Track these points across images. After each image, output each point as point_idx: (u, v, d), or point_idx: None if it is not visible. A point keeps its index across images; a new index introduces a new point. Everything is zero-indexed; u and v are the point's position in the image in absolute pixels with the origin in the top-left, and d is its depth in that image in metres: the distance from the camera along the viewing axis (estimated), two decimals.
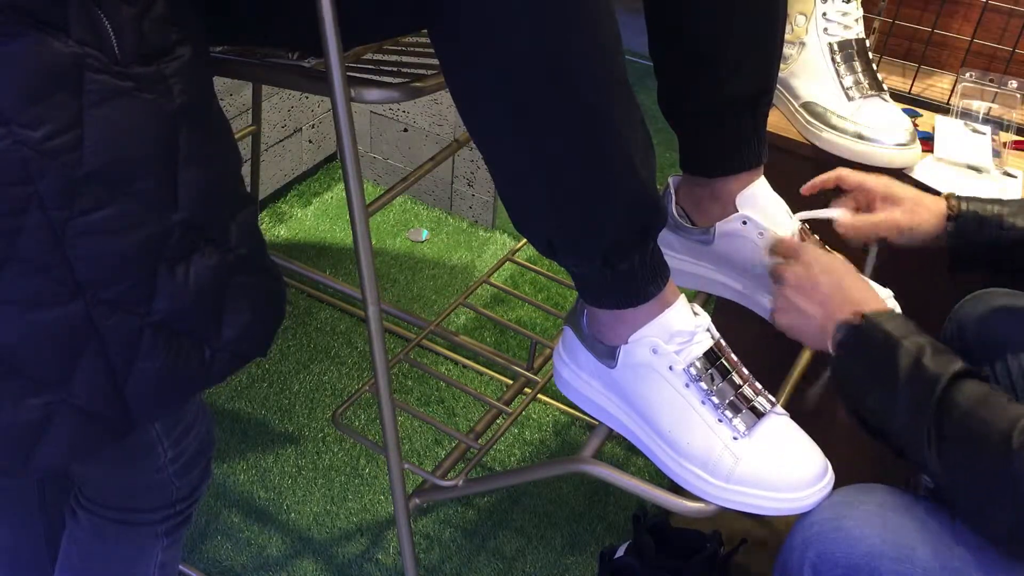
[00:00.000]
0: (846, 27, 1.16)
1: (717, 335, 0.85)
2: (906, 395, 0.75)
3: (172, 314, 0.70)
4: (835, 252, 0.94)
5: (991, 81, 1.26)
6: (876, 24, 1.38)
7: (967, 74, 1.27)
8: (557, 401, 1.55)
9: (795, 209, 0.98)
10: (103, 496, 0.91)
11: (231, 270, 0.75)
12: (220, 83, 1.66)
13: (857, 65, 1.15)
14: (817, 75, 1.16)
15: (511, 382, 1.22)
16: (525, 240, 0.89)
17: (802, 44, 1.18)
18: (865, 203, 0.99)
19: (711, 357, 0.83)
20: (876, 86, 1.15)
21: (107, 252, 0.66)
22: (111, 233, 0.65)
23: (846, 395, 0.83)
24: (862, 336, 0.80)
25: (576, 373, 0.90)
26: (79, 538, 0.93)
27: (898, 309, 0.97)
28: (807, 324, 0.87)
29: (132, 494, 0.91)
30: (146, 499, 0.91)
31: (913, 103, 1.31)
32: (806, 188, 1.02)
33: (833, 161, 1.14)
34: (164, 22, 0.68)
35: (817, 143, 1.15)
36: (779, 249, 0.94)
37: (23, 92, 0.60)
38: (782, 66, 1.19)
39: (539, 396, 1.54)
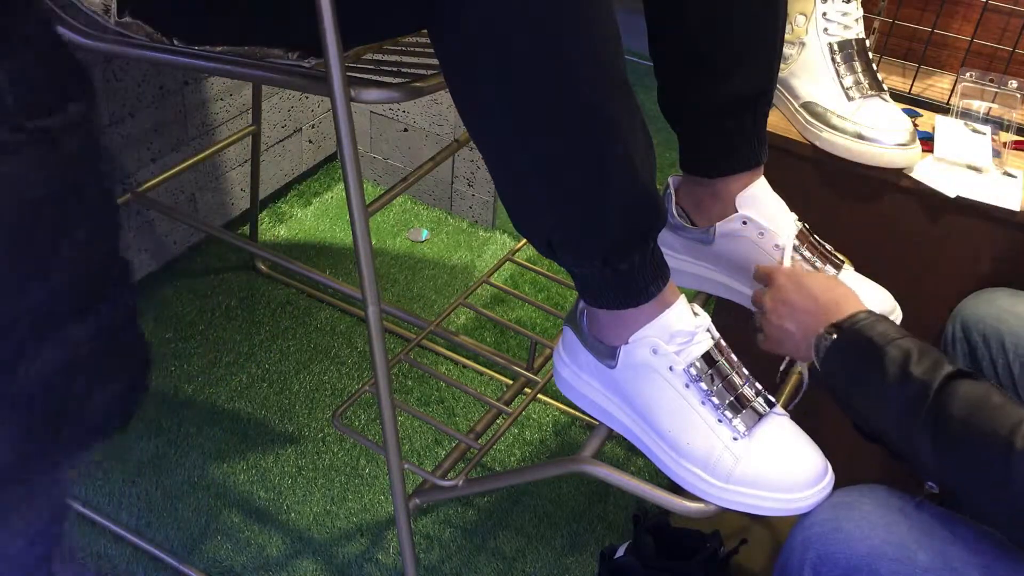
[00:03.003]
0: (846, 27, 1.16)
1: (717, 335, 0.85)
2: (898, 402, 0.75)
3: (39, 383, 0.64)
4: (825, 266, 0.95)
5: (991, 81, 1.26)
6: (876, 24, 1.38)
7: (967, 74, 1.27)
8: (557, 401, 1.55)
9: (795, 209, 0.98)
10: None
11: (104, 341, 0.68)
12: (220, 83, 1.66)
13: (857, 65, 1.15)
14: (817, 75, 1.16)
15: (511, 382, 1.22)
16: (525, 240, 0.89)
17: (802, 44, 1.18)
18: None
19: (711, 357, 0.83)
20: (876, 86, 1.15)
21: None
22: None
23: (839, 403, 0.83)
24: (841, 347, 0.81)
25: (576, 373, 0.90)
26: None
27: (898, 313, 0.98)
28: (790, 344, 0.88)
29: None
30: None
31: (913, 103, 1.31)
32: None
33: (833, 161, 1.14)
34: (50, 78, 0.61)
35: (817, 143, 1.15)
36: (757, 277, 0.95)
37: None
38: (782, 66, 1.19)
39: (539, 396, 1.54)
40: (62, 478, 0.78)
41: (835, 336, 0.81)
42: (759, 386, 0.85)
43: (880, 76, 1.16)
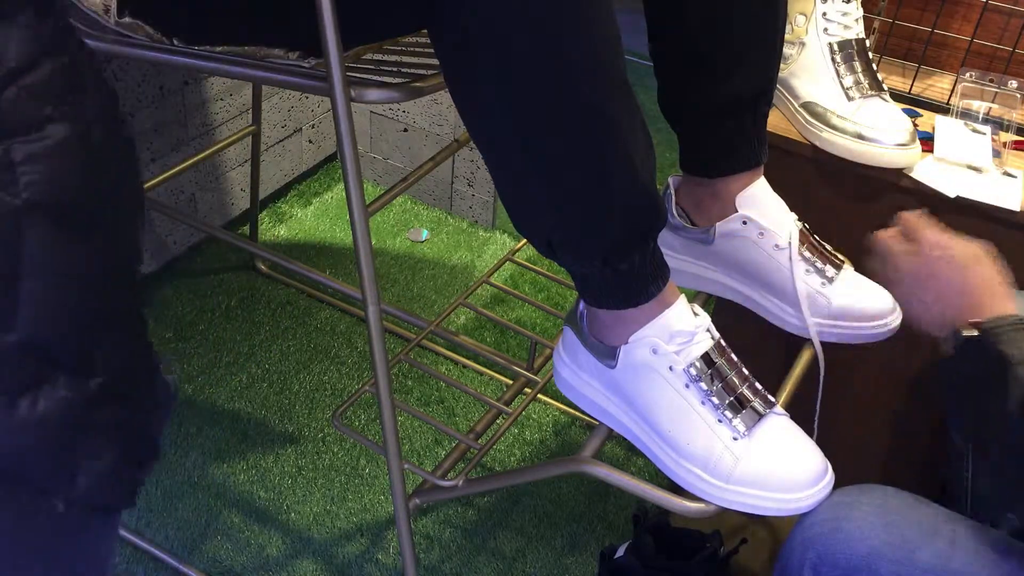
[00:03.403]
0: (846, 27, 1.16)
1: (717, 335, 0.85)
2: (1020, 425, 0.70)
3: (11, 459, 0.56)
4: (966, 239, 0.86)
5: (991, 81, 1.26)
6: (876, 24, 1.38)
7: (967, 74, 1.27)
8: (557, 401, 1.55)
9: (795, 209, 0.98)
10: None
11: (90, 405, 0.60)
12: (220, 83, 1.66)
13: (857, 65, 1.15)
14: (817, 75, 1.16)
15: (511, 382, 1.22)
16: (525, 240, 0.89)
17: (802, 44, 1.18)
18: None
19: (711, 357, 0.83)
20: (876, 86, 1.15)
21: None
22: None
23: (946, 397, 0.79)
24: (974, 350, 0.75)
25: (576, 373, 0.90)
26: None
27: (898, 313, 0.98)
28: (920, 317, 0.82)
29: None
30: None
31: (913, 103, 1.31)
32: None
33: (833, 161, 1.14)
34: (41, 93, 0.54)
35: (817, 143, 1.15)
36: (903, 223, 0.87)
37: None
38: (782, 66, 1.19)
39: (539, 396, 1.54)
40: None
41: (971, 337, 0.76)
42: (759, 386, 0.85)
43: (880, 76, 1.16)
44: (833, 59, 1.15)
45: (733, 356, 0.85)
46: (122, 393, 0.62)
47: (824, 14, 1.16)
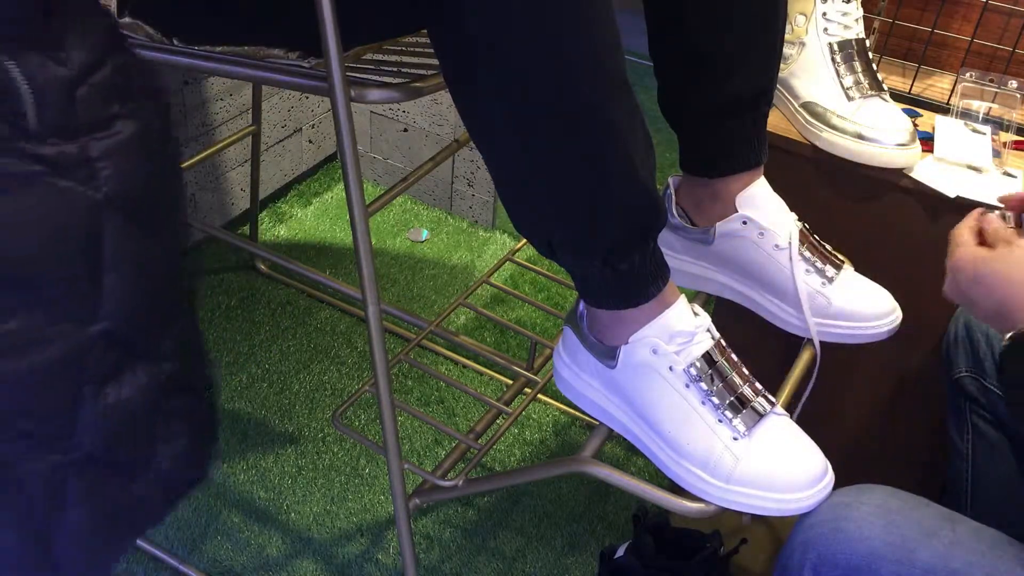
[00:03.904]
0: (846, 27, 1.16)
1: (717, 335, 0.85)
2: None
3: (100, 447, 0.59)
4: None
5: (991, 81, 1.26)
6: (876, 24, 1.38)
7: (967, 74, 1.27)
8: (557, 401, 1.55)
9: (795, 209, 0.98)
10: None
11: (164, 391, 0.63)
12: (220, 83, 1.66)
13: (857, 65, 1.15)
14: (817, 75, 1.16)
15: (511, 382, 1.22)
16: (525, 240, 0.89)
17: (802, 44, 1.18)
18: None
19: (711, 357, 0.83)
20: (876, 86, 1.15)
21: (17, 374, 0.54)
22: (19, 351, 0.54)
23: (1007, 395, 0.79)
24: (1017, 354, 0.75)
25: (576, 373, 0.90)
26: None
27: (898, 313, 0.98)
28: (980, 314, 0.81)
29: None
30: None
31: (913, 103, 1.31)
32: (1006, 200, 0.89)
33: (833, 161, 1.14)
34: (107, 90, 0.56)
35: (817, 143, 1.15)
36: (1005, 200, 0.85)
37: None
38: (782, 66, 1.19)
39: (539, 396, 1.54)
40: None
41: (1013, 341, 0.75)
42: (759, 386, 0.85)
43: (880, 76, 1.16)
44: (833, 59, 1.15)
45: (733, 356, 0.85)
46: (187, 378, 0.66)
47: (824, 14, 1.16)
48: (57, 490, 0.57)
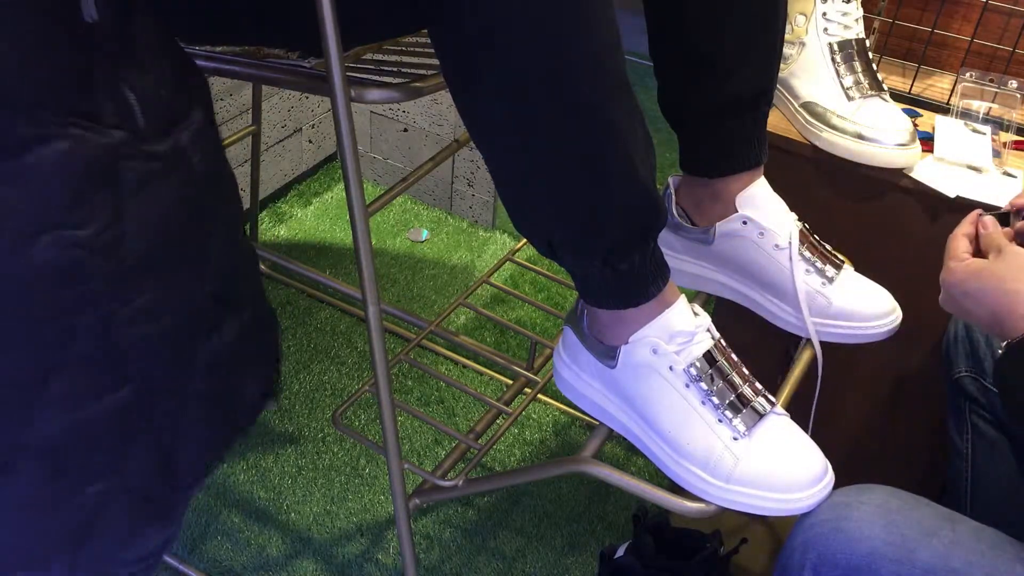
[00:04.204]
0: (846, 27, 1.16)
1: (717, 335, 0.85)
2: None
3: (210, 383, 0.70)
4: None
5: (991, 81, 1.26)
6: (876, 24, 1.38)
7: (967, 74, 1.27)
8: (557, 401, 1.55)
9: (795, 209, 0.98)
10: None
11: (250, 329, 0.74)
12: (220, 83, 1.66)
13: (857, 65, 1.15)
14: (817, 75, 1.16)
15: (511, 382, 1.22)
16: (525, 240, 0.89)
17: (802, 44, 1.18)
18: None
19: (711, 357, 0.83)
20: (876, 86, 1.15)
21: (153, 336, 0.64)
22: (155, 317, 0.64)
23: (1003, 396, 0.80)
24: (1014, 356, 0.75)
25: (576, 373, 0.90)
26: None
27: (898, 313, 0.98)
28: (976, 321, 0.82)
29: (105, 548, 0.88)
30: (121, 551, 0.87)
31: (913, 103, 1.31)
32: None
33: (833, 161, 1.14)
34: (176, 86, 0.66)
35: (817, 143, 1.15)
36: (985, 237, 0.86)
37: (69, 192, 0.58)
38: (782, 66, 1.19)
39: (539, 396, 1.54)
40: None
41: (1008, 349, 0.76)
42: (759, 386, 0.85)
43: (880, 76, 1.16)
44: (833, 59, 1.15)
45: (733, 356, 0.85)
46: (263, 318, 0.78)
47: (824, 14, 1.16)
48: (178, 418, 0.68)
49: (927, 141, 1.18)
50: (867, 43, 1.17)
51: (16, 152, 0.55)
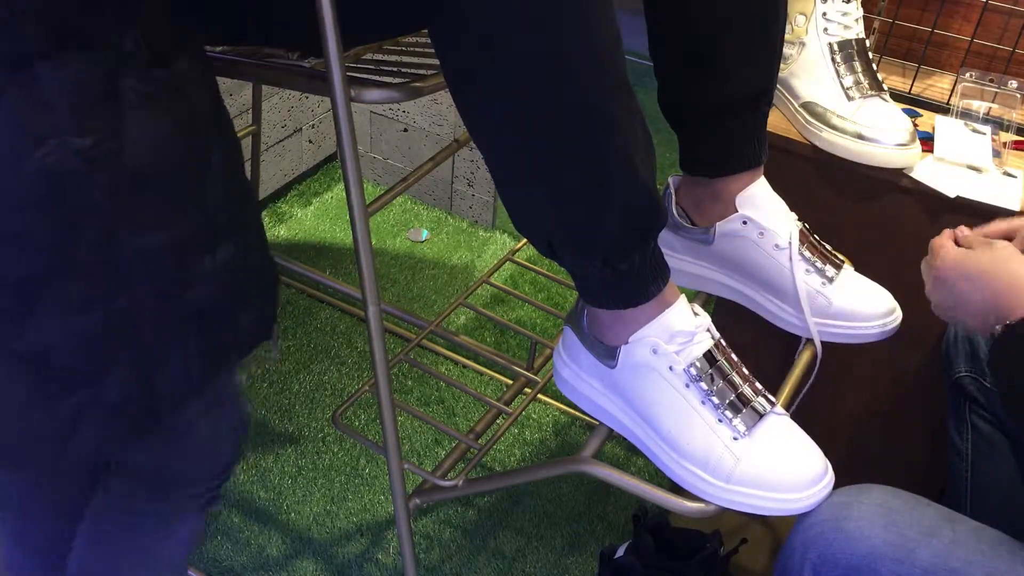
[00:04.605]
0: (846, 27, 1.16)
1: (717, 335, 0.85)
2: None
3: (203, 305, 0.73)
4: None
5: (991, 81, 1.26)
6: (876, 24, 1.38)
7: (967, 74, 1.27)
8: (557, 401, 1.55)
9: (795, 209, 0.99)
10: (137, 469, 0.92)
11: (245, 257, 0.77)
12: (220, 83, 1.66)
13: (857, 65, 1.15)
14: (817, 75, 1.16)
15: (511, 382, 1.22)
16: (525, 240, 0.89)
17: (802, 44, 1.18)
18: None
19: (711, 357, 0.83)
20: (876, 86, 1.15)
21: (150, 251, 0.67)
22: (154, 232, 0.67)
23: (1000, 388, 0.80)
24: (1010, 342, 0.76)
25: (576, 373, 0.90)
26: (109, 509, 0.93)
27: (898, 313, 0.98)
28: (964, 320, 0.82)
29: (167, 468, 0.92)
30: (180, 474, 0.92)
31: (913, 103, 1.31)
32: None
33: (833, 161, 1.14)
34: (171, 24, 0.69)
35: (817, 143, 1.15)
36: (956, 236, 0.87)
37: (73, 103, 0.60)
38: (782, 66, 1.19)
39: (539, 396, 1.54)
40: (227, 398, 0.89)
41: (1013, 325, 0.76)
42: (759, 386, 0.85)
43: (880, 76, 1.16)
44: (833, 59, 1.15)
45: (733, 356, 0.85)
46: (259, 253, 0.81)
47: (824, 14, 1.16)
48: (167, 336, 0.71)
49: (927, 141, 1.18)
50: (867, 43, 1.17)
51: (21, 63, 0.58)
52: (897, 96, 1.27)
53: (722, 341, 0.85)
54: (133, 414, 0.73)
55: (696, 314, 0.84)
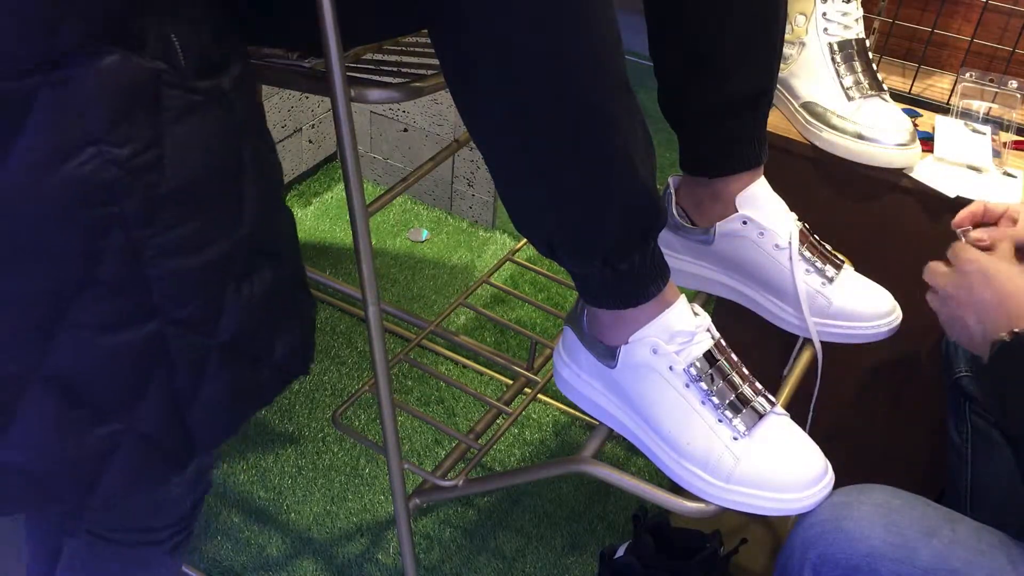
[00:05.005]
0: (846, 27, 1.16)
1: (717, 335, 0.85)
2: None
3: (237, 334, 0.69)
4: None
5: (991, 81, 1.26)
6: (876, 24, 1.38)
7: (967, 74, 1.27)
8: (557, 401, 1.55)
9: (795, 209, 0.99)
10: (108, 518, 0.88)
11: (283, 286, 0.73)
12: None
13: (857, 65, 1.15)
14: (817, 75, 1.16)
15: (511, 382, 1.22)
16: (525, 240, 0.89)
17: (802, 44, 1.18)
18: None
19: (711, 357, 0.83)
20: (876, 86, 1.15)
21: (183, 271, 0.64)
22: (187, 252, 0.64)
23: (993, 400, 0.80)
24: (1012, 354, 0.76)
25: (576, 373, 0.90)
26: (81, 559, 0.90)
27: (898, 313, 0.98)
28: (965, 336, 0.83)
29: (140, 514, 0.89)
30: (154, 519, 0.89)
31: (913, 103, 1.31)
32: (955, 224, 0.92)
33: (833, 161, 1.14)
34: (216, 38, 0.67)
35: (817, 143, 1.15)
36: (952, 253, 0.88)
37: (110, 110, 0.58)
38: (782, 66, 1.19)
39: (539, 396, 1.54)
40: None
41: (1008, 341, 0.76)
42: (759, 386, 0.85)
43: (880, 76, 1.16)
44: (833, 59, 1.15)
45: (733, 356, 0.85)
46: (299, 279, 0.78)
47: (824, 14, 1.16)
48: (199, 366, 0.67)
49: (927, 141, 1.18)
50: (867, 43, 1.17)
51: (63, 62, 0.55)
52: (897, 96, 1.27)
53: (722, 341, 0.85)
54: (169, 447, 0.68)
55: (696, 314, 0.84)
